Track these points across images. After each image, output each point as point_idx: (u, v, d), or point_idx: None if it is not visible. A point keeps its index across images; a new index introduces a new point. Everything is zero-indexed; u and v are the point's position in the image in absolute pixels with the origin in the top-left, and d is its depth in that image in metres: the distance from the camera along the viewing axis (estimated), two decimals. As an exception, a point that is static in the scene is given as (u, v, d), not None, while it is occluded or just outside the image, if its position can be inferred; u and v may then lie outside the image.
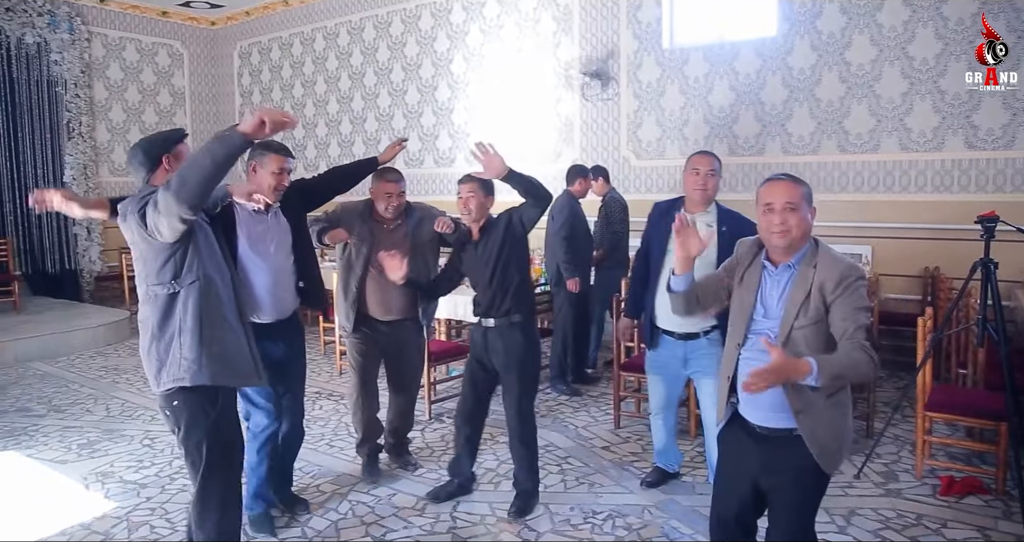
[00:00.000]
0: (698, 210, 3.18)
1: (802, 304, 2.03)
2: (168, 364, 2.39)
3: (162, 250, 2.35)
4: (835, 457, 2.09)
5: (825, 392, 2.00)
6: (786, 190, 2.08)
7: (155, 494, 3.64)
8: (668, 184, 6.81)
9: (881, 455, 3.92)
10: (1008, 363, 3.40)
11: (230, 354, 2.45)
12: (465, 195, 3.32)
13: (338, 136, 9.37)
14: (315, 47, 9.49)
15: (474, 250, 3.38)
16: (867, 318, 1.99)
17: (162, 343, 2.40)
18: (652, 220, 3.40)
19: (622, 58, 6.98)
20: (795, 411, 2.05)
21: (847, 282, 1.99)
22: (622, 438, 4.31)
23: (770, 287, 2.14)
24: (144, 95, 9.94)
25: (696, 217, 2.99)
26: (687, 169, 3.23)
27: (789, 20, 6.08)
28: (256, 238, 3.04)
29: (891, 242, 5.78)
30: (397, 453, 3.94)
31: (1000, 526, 3.16)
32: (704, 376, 3.20)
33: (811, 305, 2.02)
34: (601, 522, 3.27)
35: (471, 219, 3.34)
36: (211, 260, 2.43)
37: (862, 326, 1.96)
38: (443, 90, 8.29)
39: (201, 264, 2.38)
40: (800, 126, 6.10)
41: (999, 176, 5.36)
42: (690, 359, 3.22)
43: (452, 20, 8.13)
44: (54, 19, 8.82)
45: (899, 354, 5.54)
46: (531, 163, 7.62)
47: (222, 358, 2.42)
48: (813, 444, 2.05)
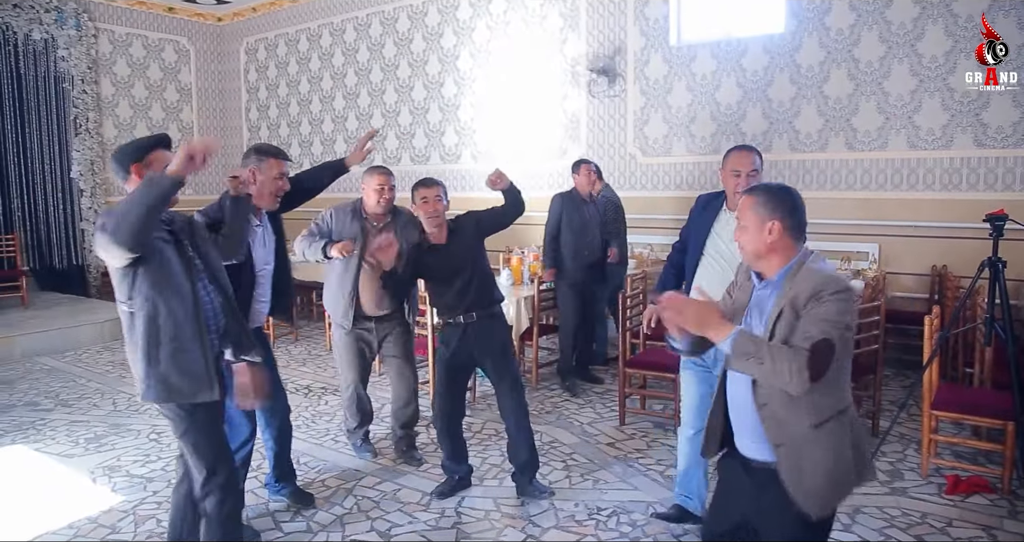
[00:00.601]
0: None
1: (777, 319, 1.85)
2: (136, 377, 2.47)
3: (116, 271, 2.37)
4: (824, 500, 1.84)
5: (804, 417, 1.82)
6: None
7: (162, 488, 3.66)
8: (675, 181, 6.79)
9: (887, 453, 3.91)
10: (1015, 362, 3.39)
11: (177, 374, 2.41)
12: (433, 199, 3.33)
13: (344, 132, 9.37)
14: (321, 43, 9.49)
15: (443, 253, 3.38)
16: (828, 331, 1.76)
17: (130, 357, 2.48)
18: (692, 214, 3.11)
19: (629, 55, 6.96)
20: (773, 444, 1.85)
21: (819, 295, 1.80)
22: (627, 435, 4.31)
23: (755, 303, 2.01)
24: (151, 91, 9.96)
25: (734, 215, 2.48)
26: (725, 168, 2.88)
27: (797, 17, 6.05)
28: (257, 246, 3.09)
29: (899, 240, 5.76)
30: (404, 448, 3.98)
31: (1006, 525, 3.15)
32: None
33: (784, 320, 1.84)
34: (606, 518, 3.27)
35: (438, 223, 3.35)
36: (162, 280, 2.38)
37: (811, 337, 1.75)
38: (449, 86, 8.29)
39: (150, 288, 2.36)
40: (808, 123, 6.08)
41: (1008, 174, 5.33)
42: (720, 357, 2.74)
43: (459, 16, 8.12)
44: (61, 15, 8.85)
45: (906, 352, 5.52)
46: (537, 160, 7.63)
47: (167, 379, 2.40)
48: (794, 485, 1.82)
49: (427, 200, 3.31)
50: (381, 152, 8.94)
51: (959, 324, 4.17)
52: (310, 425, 4.56)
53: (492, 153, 7.99)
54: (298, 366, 6.11)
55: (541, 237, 5.48)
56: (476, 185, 8.07)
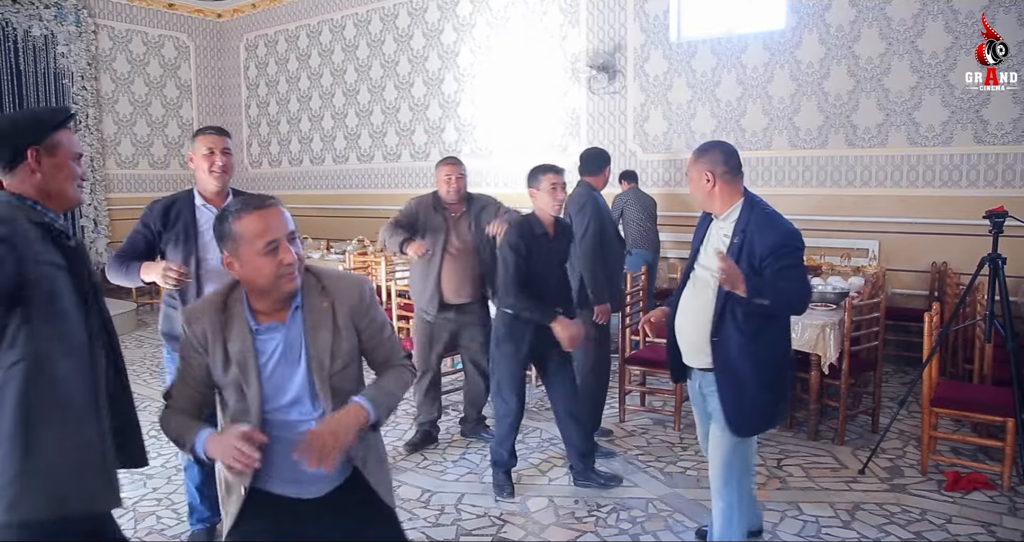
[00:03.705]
0: (718, 218, 2.61)
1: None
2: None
3: None
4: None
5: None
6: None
7: (161, 485, 3.66)
8: (675, 178, 6.79)
9: (886, 450, 3.92)
10: (1015, 359, 3.39)
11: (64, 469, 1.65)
12: (560, 185, 3.35)
13: (344, 129, 9.36)
14: (321, 40, 9.47)
15: (552, 244, 3.40)
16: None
17: None
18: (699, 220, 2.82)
19: (629, 51, 6.95)
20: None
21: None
22: (627, 431, 4.32)
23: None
24: (151, 87, 9.95)
25: (717, 224, 2.59)
26: None
27: (797, 13, 6.04)
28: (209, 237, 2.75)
29: (899, 237, 5.76)
30: (473, 425, 4.26)
31: (1005, 522, 3.15)
32: (715, 419, 2.62)
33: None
34: (606, 515, 3.27)
35: (558, 211, 3.41)
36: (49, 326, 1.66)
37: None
38: (450, 83, 8.28)
39: (29, 337, 1.62)
40: (808, 120, 6.07)
41: (1008, 171, 5.32)
42: (704, 394, 2.68)
43: (459, 13, 8.10)
44: (61, 11, 8.83)
45: (906, 349, 5.53)
46: (536, 156, 7.61)
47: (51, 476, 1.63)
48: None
49: (556, 187, 3.33)
50: (381, 149, 8.94)
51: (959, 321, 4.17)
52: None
53: (492, 149, 7.98)
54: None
55: None
56: (476, 181, 8.05)
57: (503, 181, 7.90)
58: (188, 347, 1.78)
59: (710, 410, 2.65)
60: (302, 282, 1.76)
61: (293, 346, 1.75)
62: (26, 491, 1.59)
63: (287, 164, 10.03)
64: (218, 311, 1.75)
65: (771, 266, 2.38)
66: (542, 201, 3.35)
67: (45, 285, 1.65)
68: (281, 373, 1.75)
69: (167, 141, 10.14)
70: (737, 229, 2.48)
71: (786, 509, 3.27)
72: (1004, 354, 3.61)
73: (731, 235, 2.50)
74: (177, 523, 3.25)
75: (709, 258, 2.53)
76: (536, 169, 3.41)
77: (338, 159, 9.42)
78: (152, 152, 9.97)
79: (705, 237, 2.63)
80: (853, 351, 4.06)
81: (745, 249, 2.42)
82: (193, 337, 1.76)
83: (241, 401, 1.74)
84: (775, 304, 2.38)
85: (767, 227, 2.43)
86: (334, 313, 1.77)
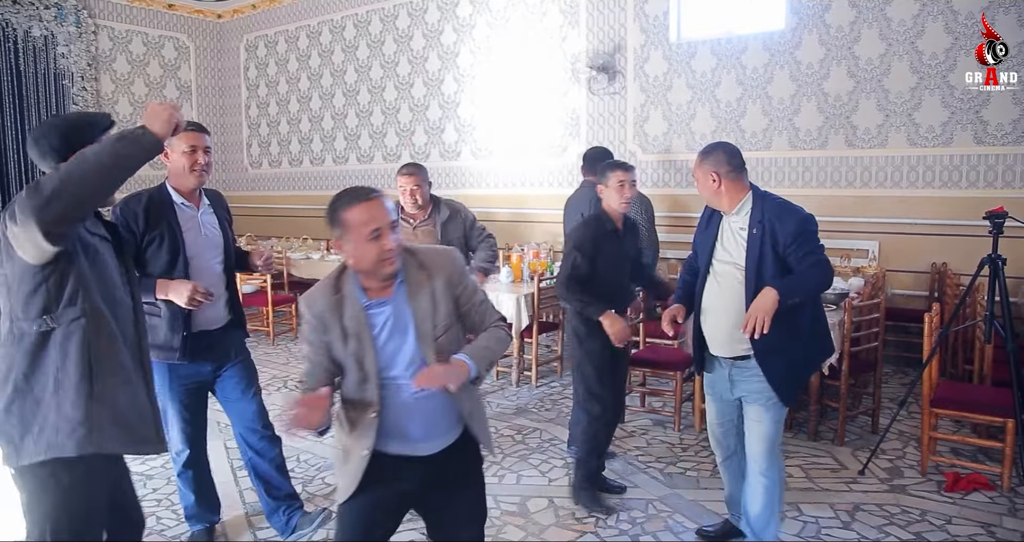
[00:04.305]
0: (728, 214, 2.70)
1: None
2: (38, 428, 1.81)
3: (28, 273, 1.79)
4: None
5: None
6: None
7: (161, 485, 3.66)
8: (675, 179, 6.79)
9: (886, 451, 3.92)
10: (1015, 360, 3.39)
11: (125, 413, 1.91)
12: (630, 184, 3.29)
13: (344, 130, 9.36)
14: (321, 40, 9.47)
15: (621, 241, 3.37)
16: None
17: (29, 399, 1.82)
18: (701, 221, 2.89)
19: (629, 52, 6.95)
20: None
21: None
22: (627, 432, 4.32)
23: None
24: (151, 88, 9.95)
25: (729, 220, 2.69)
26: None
27: (797, 14, 6.04)
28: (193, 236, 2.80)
29: (898, 238, 5.76)
30: None
31: (1005, 523, 3.16)
32: (752, 402, 2.71)
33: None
34: (605, 516, 3.27)
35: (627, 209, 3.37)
36: (102, 289, 1.91)
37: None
38: (449, 83, 8.28)
39: (87, 295, 1.84)
40: (807, 121, 6.07)
41: (1008, 172, 5.32)
42: (736, 381, 2.74)
43: (459, 13, 8.11)
44: (61, 12, 8.84)
45: (905, 350, 5.53)
46: (537, 157, 7.62)
47: (116, 419, 1.88)
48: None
49: (624, 185, 3.27)
50: (381, 149, 8.94)
51: (959, 321, 4.18)
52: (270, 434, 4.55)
53: (492, 150, 7.98)
54: (298, 364, 6.11)
55: (539, 236, 5.30)
56: (476, 182, 8.08)
57: (503, 182, 7.90)
58: (310, 330, 1.95)
59: (738, 395, 2.75)
60: (403, 261, 1.95)
61: (400, 317, 1.94)
62: (95, 429, 1.84)
63: (287, 165, 10.03)
64: (331, 293, 1.94)
65: (795, 252, 2.53)
66: (609, 198, 3.32)
67: (95, 254, 1.92)
68: (393, 342, 1.93)
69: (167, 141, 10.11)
70: (753, 221, 2.60)
71: (786, 510, 3.27)
72: (1004, 355, 3.62)
73: (747, 228, 2.61)
74: (177, 524, 3.25)
75: (728, 252, 2.67)
76: (605, 165, 3.38)
77: (338, 160, 9.42)
78: (152, 153, 9.96)
79: (718, 233, 2.72)
80: (853, 352, 4.06)
81: (767, 239, 2.54)
82: (313, 318, 1.94)
83: (360, 371, 1.92)
84: (806, 294, 2.58)
85: (785, 215, 2.56)
86: (432, 284, 1.97)
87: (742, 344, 2.62)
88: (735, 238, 2.65)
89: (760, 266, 2.55)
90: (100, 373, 1.85)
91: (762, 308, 2.44)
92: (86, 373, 1.83)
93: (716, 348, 2.76)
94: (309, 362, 1.99)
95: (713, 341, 2.76)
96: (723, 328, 2.69)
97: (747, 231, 2.61)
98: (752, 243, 2.58)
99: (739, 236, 2.64)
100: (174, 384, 2.82)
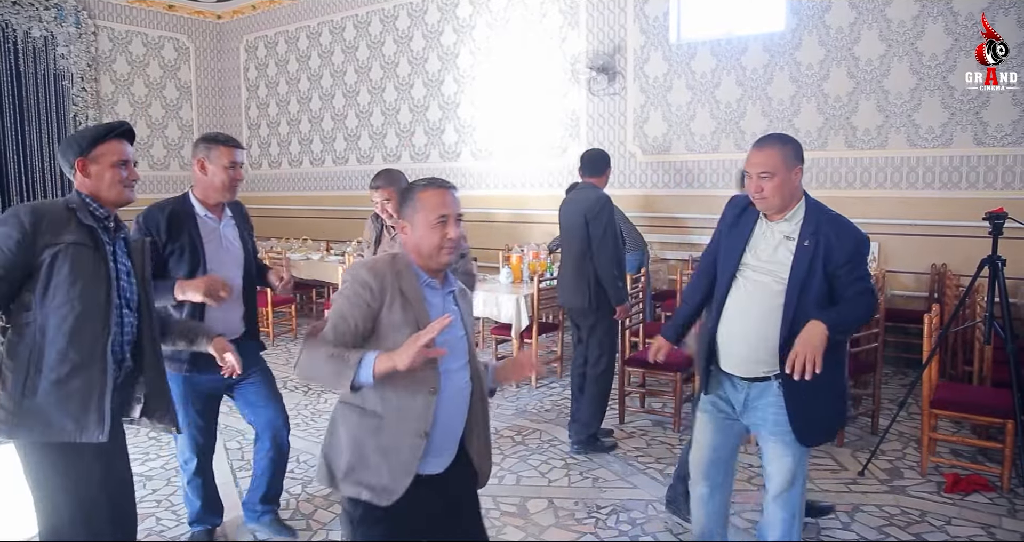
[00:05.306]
0: (775, 217, 2.38)
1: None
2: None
3: None
4: None
5: None
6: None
7: (161, 486, 3.66)
8: (675, 180, 6.79)
9: (886, 452, 3.92)
10: (1015, 360, 3.39)
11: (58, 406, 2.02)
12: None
13: (344, 130, 9.37)
14: (321, 41, 9.48)
15: None
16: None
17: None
18: (724, 221, 2.55)
19: (629, 52, 6.95)
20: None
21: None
22: (627, 433, 4.32)
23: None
24: (150, 89, 9.95)
25: (774, 226, 2.37)
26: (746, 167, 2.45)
27: (797, 15, 6.05)
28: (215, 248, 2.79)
29: (898, 239, 5.76)
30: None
31: (1005, 523, 3.16)
32: (767, 431, 2.40)
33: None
34: (605, 516, 3.27)
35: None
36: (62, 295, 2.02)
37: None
38: (449, 84, 8.28)
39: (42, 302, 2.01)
40: (807, 122, 6.07)
41: (1008, 173, 5.33)
42: (750, 406, 2.42)
43: (459, 14, 8.11)
44: (61, 13, 8.84)
45: (905, 351, 5.53)
46: (536, 158, 7.62)
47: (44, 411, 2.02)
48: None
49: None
50: (381, 150, 8.95)
51: (958, 322, 4.18)
52: (309, 423, 4.57)
53: (492, 151, 7.99)
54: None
55: (539, 237, 5.28)
56: (476, 183, 8.08)
57: (503, 183, 7.90)
58: (366, 290, 1.84)
59: (753, 422, 2.43)
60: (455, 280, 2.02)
61: (451, 311, 1.93)
62: (21, 421, 2.00)
63: (287, 165, 10.04)
64: (391, 263, 1.91)
65: (847, 275, 2.27)
66: None
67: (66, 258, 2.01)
68: (451, 332, 1.87)
69: (167, 142, 10.15)
70: (806, 232, 2.30)
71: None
72: (1004, 356, 3.62)
73: (798, 238, 2.31)
74: (177, 525, 3.25)
75: (765, 260, 2.35)
76: None
77: (338, 160, 9.42)
78: (152, 153, 9.98)
79: (751, 237, 2.39)
80: (853, 353, 4.05)
81: (819, 253, 2.26)
82: (372, 278, 1.84)
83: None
84: (853, 329, 2.43)
85: (844, 231, 2.30)
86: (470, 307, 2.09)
87: (764, 365, 2.33)
88: (778, 246, 2.33)
89: (806, 282, 2.26)
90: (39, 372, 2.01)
91: (812, 345, 2.12)
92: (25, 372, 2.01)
93: (733, 366, 2.41)
94: (344, 321, 1.84)
95: (730, 357, 2.41)
96: (748, 345, 2.35)
97: (795, 240, 2.30)
98: (802, 255, 2.28)
99: (785, 245, 2.32)
100: (188, 393, 2.82)
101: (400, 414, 1.84)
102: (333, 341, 1.83)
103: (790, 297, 2.27)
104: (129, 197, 2.19)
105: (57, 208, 2.06)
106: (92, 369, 2.05)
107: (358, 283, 1.86)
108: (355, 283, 1.87)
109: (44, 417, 2.01)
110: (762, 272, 2.34)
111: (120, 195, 2.17)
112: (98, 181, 2.14)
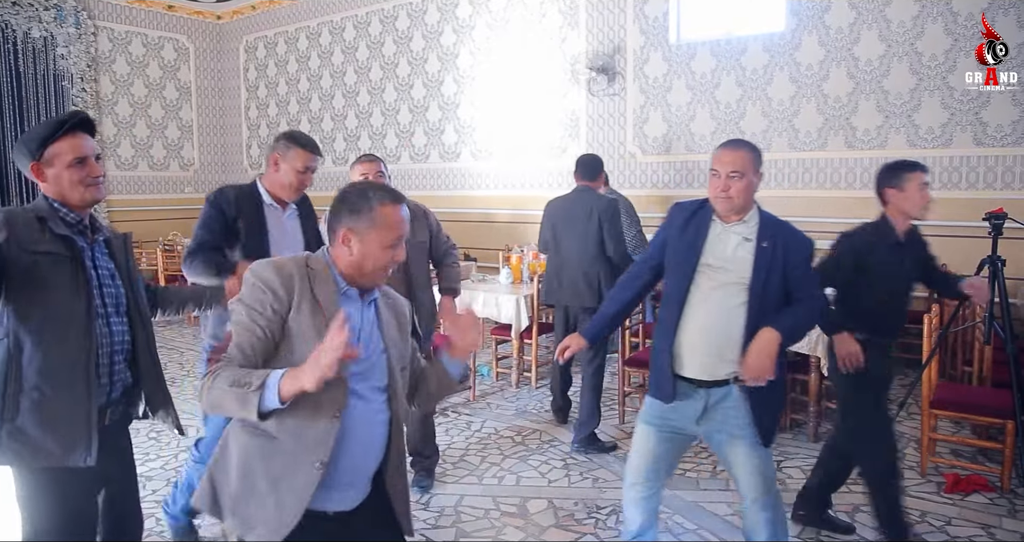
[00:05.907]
0: (731, 219, 2.40)
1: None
2: None
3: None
4: None
5: None
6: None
7: (160, 487, 3.65)
8: (674, 180, 6.79)
9: (886, 452, 3.91)
10: (1015, 361, 3.39)
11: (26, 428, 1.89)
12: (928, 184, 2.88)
13: (344, 131, 9.37)
14: (321, 41, 9.48)
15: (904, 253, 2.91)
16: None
17: None
18: (669, 230, 2.52)
19: (628, 53, 6.95)
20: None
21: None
22: (626, 433, 4.31)
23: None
24: (150, 89, 9.95)
25: (730, 228, 2.39)
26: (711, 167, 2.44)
27: (797, 15, 6.05)
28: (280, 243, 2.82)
29: (898, 239, 5.75)
30: None
31: (1005, 524, 3.16)
32: (730, 434, 2.40)
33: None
34: (605, 517, 3.27)
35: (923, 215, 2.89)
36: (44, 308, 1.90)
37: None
38: (449, 85, 8.28)
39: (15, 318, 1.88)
40: (807, 122, 6.08)
41: (1008, 173, 5.33)
42: (710, 413, 2.41)
43: (458, 14, 8.11)
44: (60, 13, 8.84)
45: (905, 351, 5.52)
46: (536, 158, 7.62)
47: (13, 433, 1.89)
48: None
49: (926, 187, 2.84)
50: (381, 150, 8.94)
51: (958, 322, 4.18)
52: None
53: (492, 151, 7.99)
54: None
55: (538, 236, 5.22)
56: (475, 183, 8.08)
57: (503, 183, 7.90)
58: (268, 292, 1.62)
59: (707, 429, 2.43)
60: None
61: (370, 327, 1.74)
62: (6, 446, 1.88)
63: (287, 166, 10.03)
64: (302, 264, 1.69)
65: (803, 274, 2.39)
66: (908, 204, 2.83)
67: (38, 271, 1.87)
68: (369, 343, 1.71)
69: (167, 143, 10.14)
70: (764, 233, 2.35)
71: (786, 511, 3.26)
72: (1003, 356, 3.62)
73: (756, 239, 2.35)
74: (176, 525, 3.24)
75: (725, 260, 2.36)
76: (898, 166, 2.92)
77: (337, 161, 9.42)
78: (152, 154, 9.98)
79: (707, 239, 2.39)
80: (853, 353, 4.05)
81: (778, 254, 2.33)
82: (278, 278, 1.63)
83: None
84: (802, 336, 2.51)
85: (797, 235, 2.41)
86: (397, 320, 1.82)
87: (728, 366, 2.33)
88: (737, 247, 2.37)
89: (767, 280, 2.32)
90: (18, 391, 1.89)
91: (767, 353, 2.21)
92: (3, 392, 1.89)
93: (695, 369, 2.38)
94: (248, 333, 1.61)
95: (693, 358, 2.38)
96: (713, 346, 2.35)
97: (754, 241, 2.35)
98: (762, 255, 2.33)
99: (744, 246, 2.36)
100: None
101: (297, 439, 1.61)
102: (241, 360, 1.59)
103: (753, 295, 2.33)
104: (96, 196, 2.00)
105: (28, 218, 1.91)
106: (76, 387, 1.91)
107: (260, 284, 1.63)
108: (256, 285, 1.63)
109: (27, 440, 1.88)
110: (724, 271, 2.37)
111: (83, 196, 1.98)
112: (57, 185, 1.95)
